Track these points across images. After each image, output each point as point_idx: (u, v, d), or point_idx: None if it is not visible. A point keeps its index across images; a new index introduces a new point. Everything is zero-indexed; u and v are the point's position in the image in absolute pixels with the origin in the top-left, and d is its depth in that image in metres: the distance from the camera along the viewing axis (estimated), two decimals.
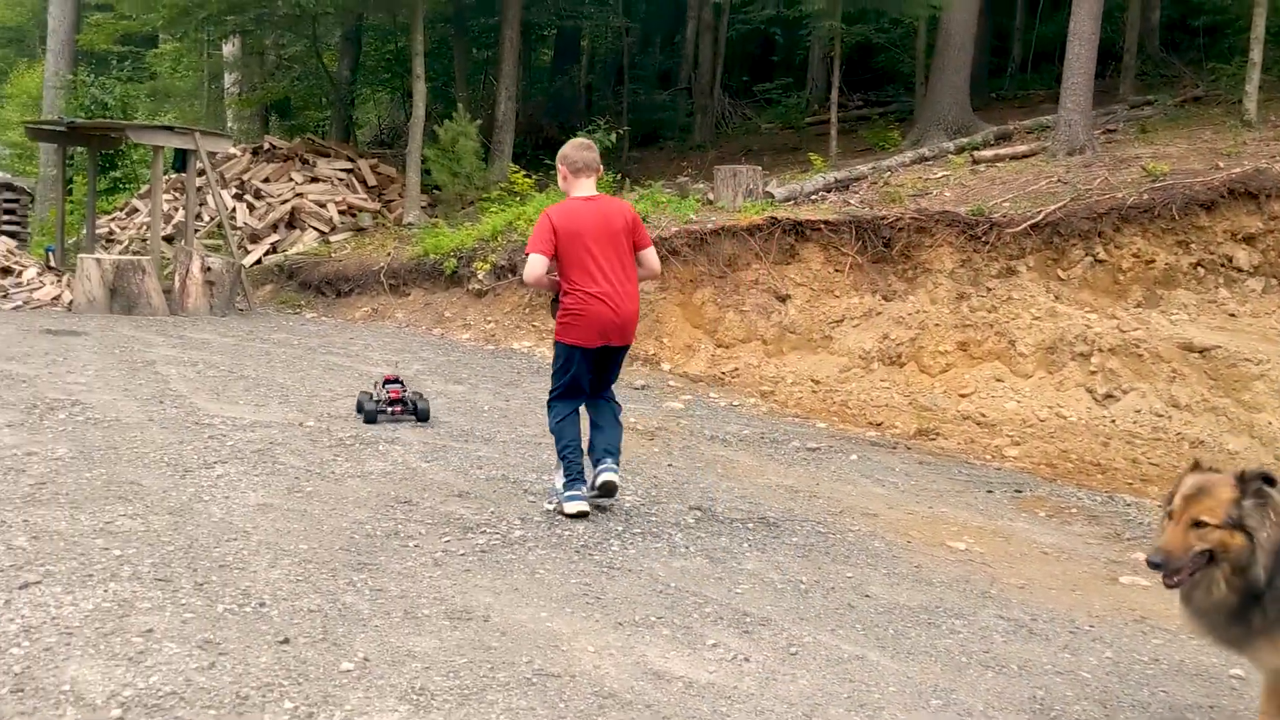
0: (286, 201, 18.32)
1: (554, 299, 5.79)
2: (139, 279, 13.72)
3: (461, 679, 3.63)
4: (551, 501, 5.79)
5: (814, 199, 13.02)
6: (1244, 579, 3.20)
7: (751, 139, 21.08)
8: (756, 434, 8.36)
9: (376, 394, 7.98)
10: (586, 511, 5.60)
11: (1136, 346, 9.47)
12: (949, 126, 15.57)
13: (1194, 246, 10.36)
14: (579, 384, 5.75)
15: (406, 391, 7.99)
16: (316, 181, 19.03)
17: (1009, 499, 6.95)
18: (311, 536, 5.01)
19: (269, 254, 17.58)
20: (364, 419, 7.77)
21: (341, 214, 18.32)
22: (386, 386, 7.99)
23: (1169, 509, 3.32)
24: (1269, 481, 3.23)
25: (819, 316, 11.22)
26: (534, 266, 5.57)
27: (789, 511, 6.12)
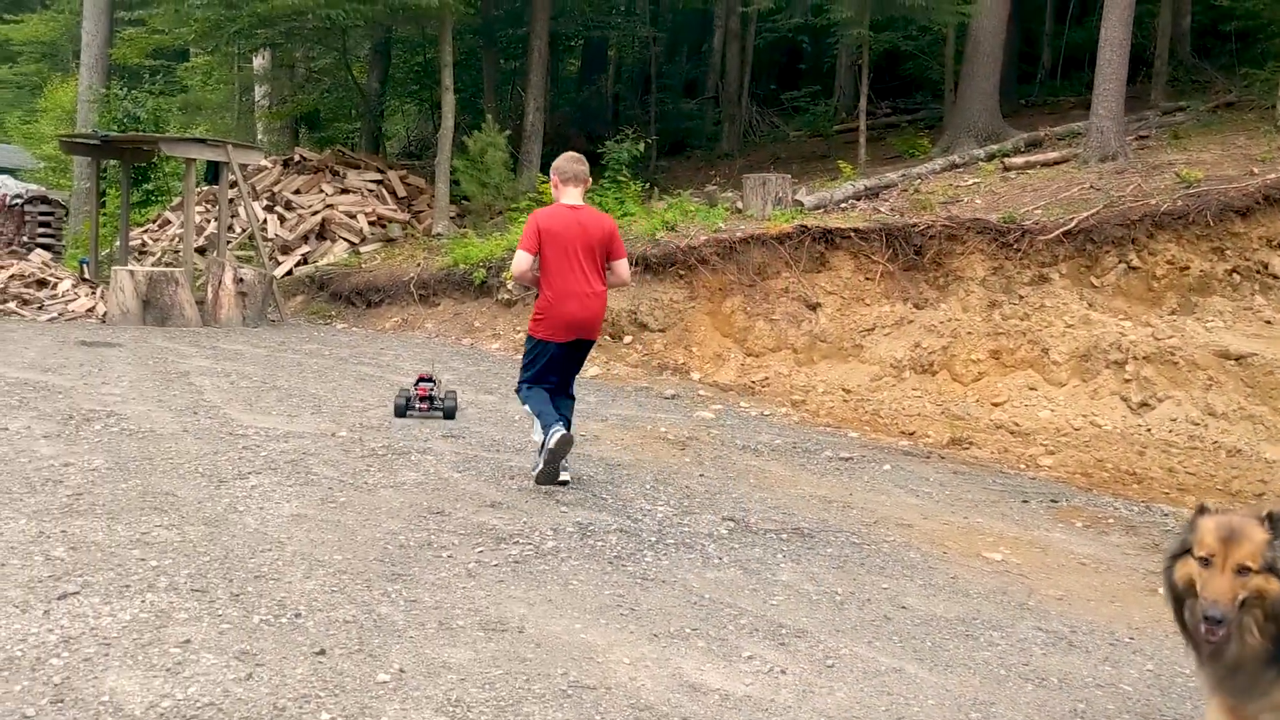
0: (317, 213, 18.44)
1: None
2: (172, 290, 13.83)
3: (497, 691, 3.62)
4: (537, 456, 6.35)
5: (843, 207, 13.00)
6: (1277, 625, 2.96)
7: (779, 147, 21.06)
8: (788, 444, 8.32)
9: (411, 391, 8.51)
10: (569, 436, 6.17)
11: (1172, 354, 9.38)
12: (979, 133, 15.52)
13: (1229, 253, 10.26)
14: (546, 375, 6.35)
15: (437, 390, 8.51)
16: (346, 193, 19.15)
17: (1045, 509, 6.88)
18: (346, 547, 5.01)
19: (300, 265, 17.70)
20: (394, 413, 8.38)
21: (371, 225, 18.42)
22: (418, 384, 8.54)
23: (1202, 555, 3.02)
24: None
25: (850, 325, 11.18)
26: (519, 262, 6.20)
27: (823, 522, 6.08)
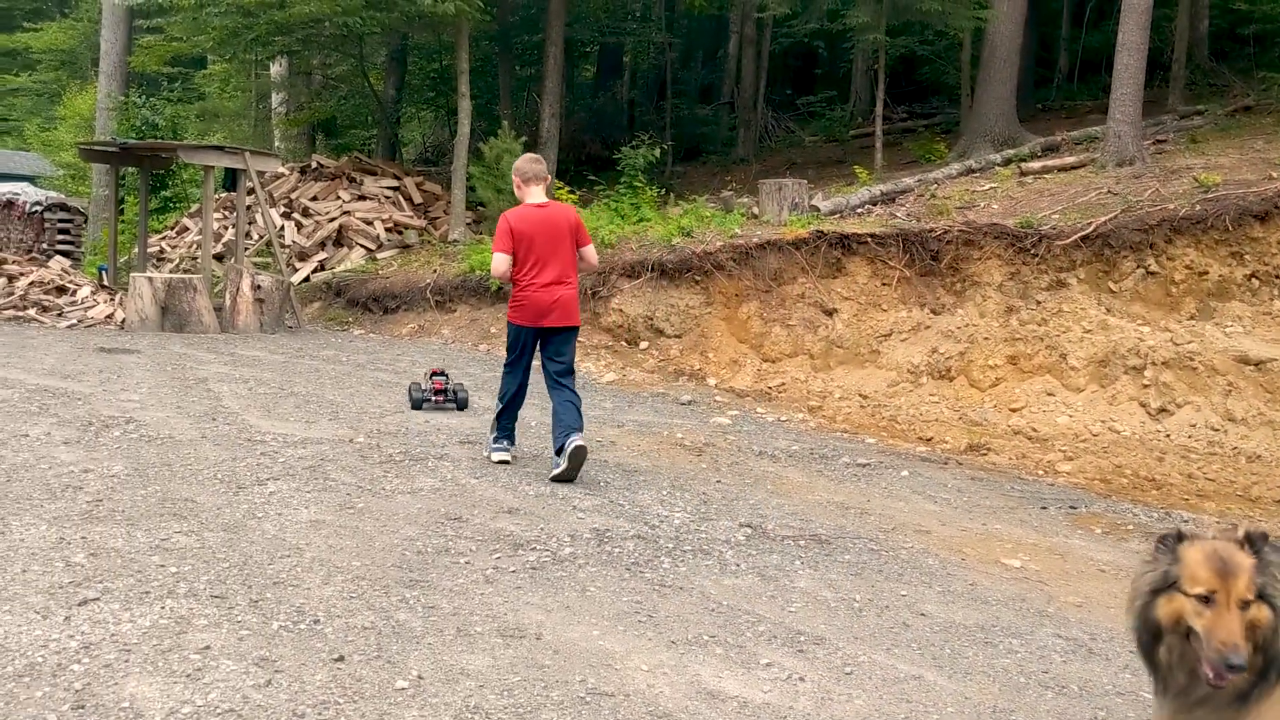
0: (334, 219, 18.51)
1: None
2: (190, 297, 13.90)
3: (515, 698, 3.62)
4: (486, 450, 7.16)
5: (860, 212, 12.98)
6: (1264, 656, 2.73)
7: (795, 152, 21.04)
8: (805, 449, 8.31)
9: (425, 384, 9.06)
10: (508, 460, 7.02)
11: (1190, 359, 9.33)
12: (995, 138, 15.48)
13: (1248, 258, 10.20)
14: (526, 356, 6.99)
15: (449, 383, 9.09)
16: (363, 199, 19.21)
17: (1064, 515, 6.85)
18: (364, 553, 5.03)
19: (317, 271, 17.76)
20: (411, 405, 8.94)
21: (388, 231, 18.47)
22: (432, 378, 9.08)
23: (1199, 592, 2.74)
24: (1266, 541, 2.83)
25: (866, 330, 11.16)
26: (498, 263, 6.82)
27: (840, 528, 6.07)
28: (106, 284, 15.96)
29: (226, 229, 18.77)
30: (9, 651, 3.71)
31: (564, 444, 6.55)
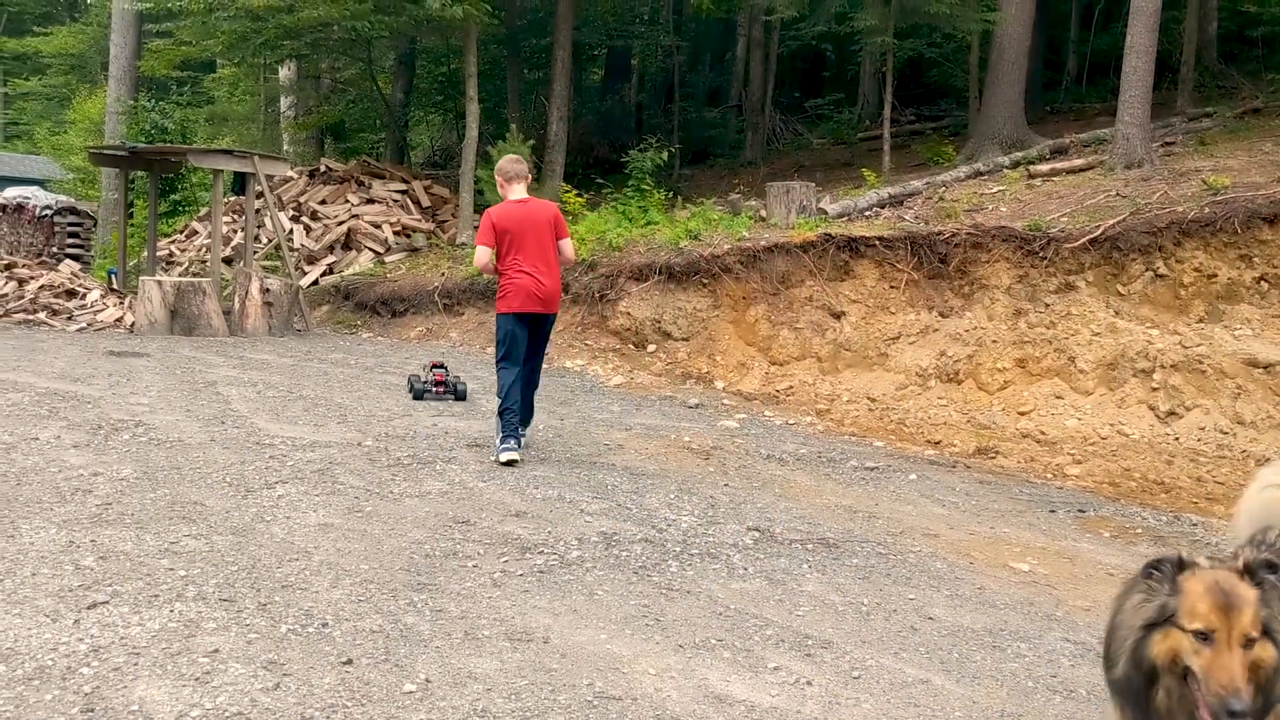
0: (343, 223, 18.55)
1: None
2: (199, 300, 13.94)
3: (523, 701, 3.62)
4: (493, 455, 7.22)
5: (868, 215, 12.96)
6: (1266, 698, 2.49)
7: (803, 155, 21.02)
8: (813, 453, 8.30)
9: (425, 376, 9.60)
10: (516, 460, 7.09)
11: (1199, 362, 9.30)
12: (1003, 141, 15.44)
13: (1257, 260, 10.15)
14: (517, 345, 7.29)
15: (449, 375, 9.61)
16: (372, 203, 19.25)
17: (1072, 519, 6.84)
18: (372, 557, 5.04)
19: (325, 275, 17.80)
20: (412, 396, 9.45)
21: (396, 235, 18.51)
22: (432, 370, 9.61)
23: (1198, 628, 2.50)
24: (1273, 569, 2.57)
25: (874, 333, 11.14)
26: (480, 256, 7.25)
27: (848, 532, 6.06)
28: (116, 287, 16.01)
29: (235, 232, 18.81)
30: (19, 654, 3.72)
31: (503, 449, 7.15)
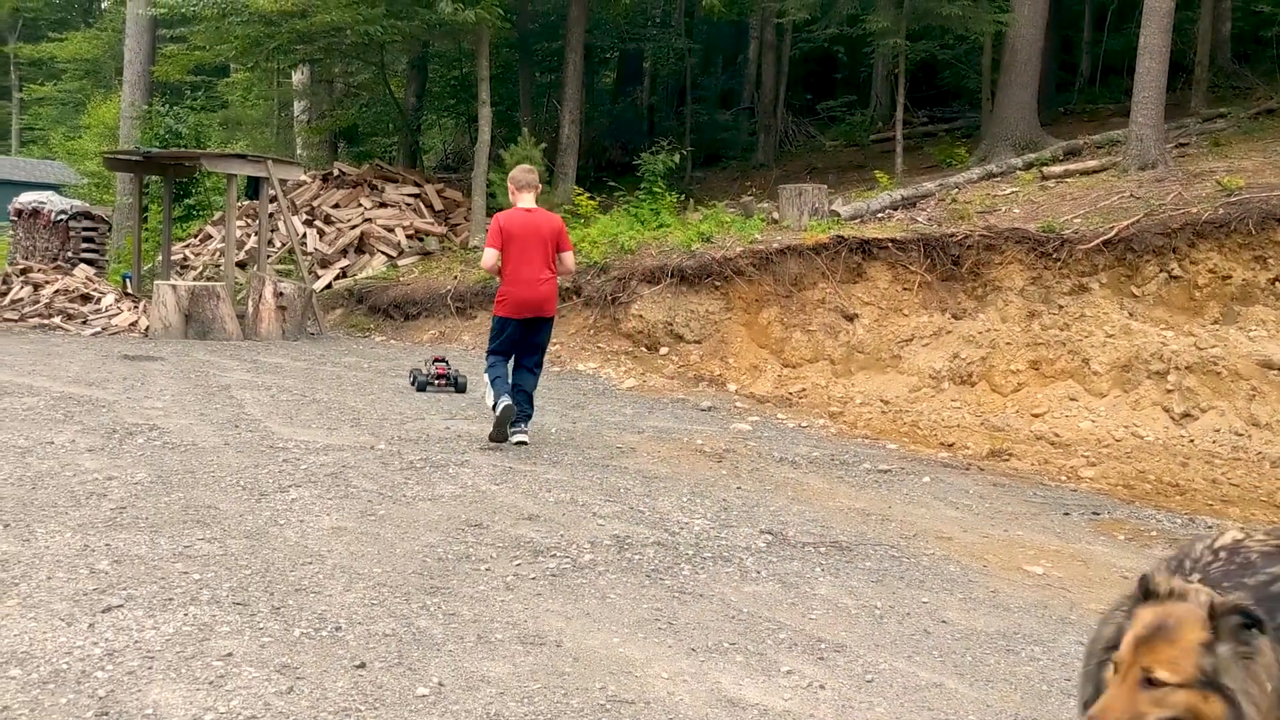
0: (356, 227, 18.60)
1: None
2: (213, 304, 13.99)
3: (535, 705, 3.63)
4: (489, 409, 7.82)
5: (880, 217, 12.94)
6: None
7: (815, 157, 21.00)
8: (826, 456, 8.29)
9: (426, 369, 10.36)
10: (512, 406, 7.59)
11: (1214, 364, 9.26)
12: (1016, 142, 15.39)
13: (1271, 262, 10.10)
14: (508, 346, 7.87)
15: (450, 369, 10.41)
16: (384, 206, 19.29)
17: (1086, 521, 6.82)
18: (385, 560, 5.05)
19: (339, 278, 17.85)
20: (416, 388, 10.18)
21: (409, 238, 18.55)
22: (434, 364, 10.40)
23: (1115, 659, 2.29)
24: (1251, 622, 2.21)
25: (887, 336, 11.13)
26: (488, 258, 7.72)
27: (861, 535, 6.05)
28: (130, 292, 16.08)
29: (249, 236, 18.87)
30: (34, 658, 3.74)
31: (512, 431, 7.73)
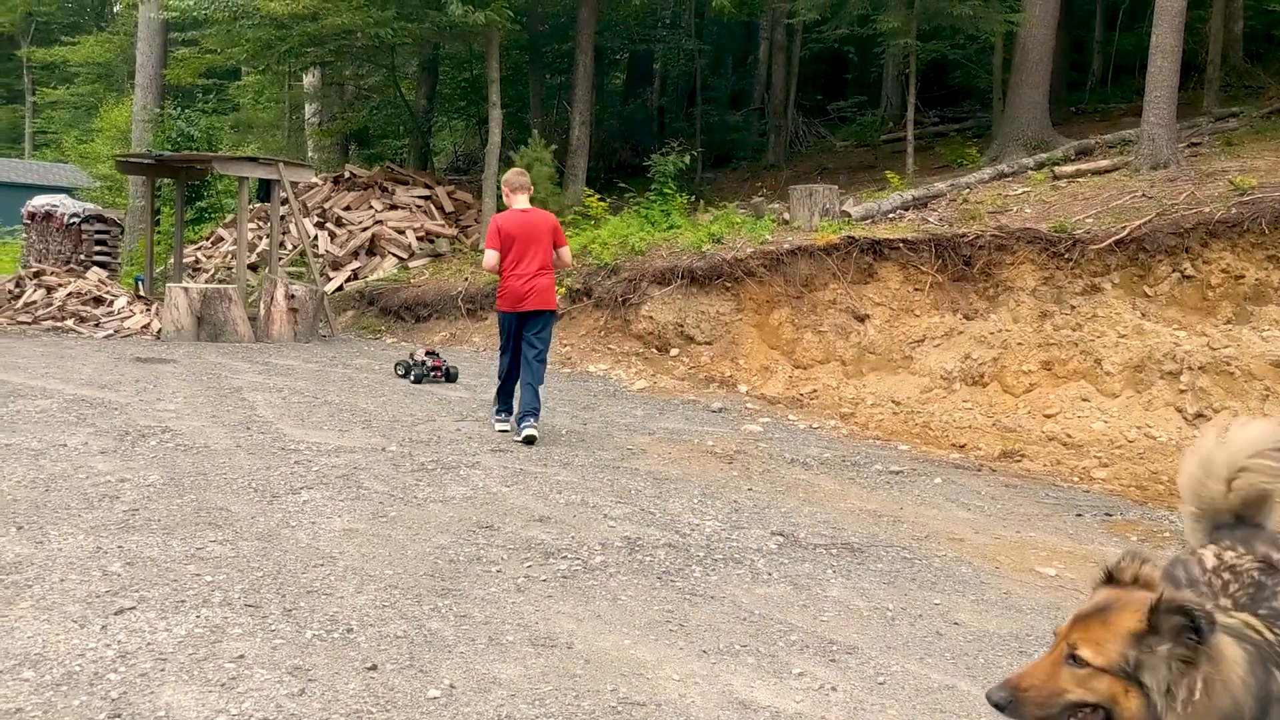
0: (367, 229, 18.63)
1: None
2: (225, 307, 14.03)
3: (547, 707, 3.62)
4: (491, 424, 8.60)
5: (891, 218, 12.91)
6: None
7: (826, 158, 20.96)
8: (837, 457, 8.27)
9: (419, 360, 11.14)
10: (507, 430, 8.33)
11: (1227, 364, 9.21)
12: (1028, 142, 15.34)
13: None
14: (512, 340, 8.28)
15: (444, 362, 11.27)
16: (395, 209, 19.32)
17: (1099, 522, 6.79)
18: (396, 562, 5.05)
19: (350, 280, 17.88)
20: (412, 380, 10.98)
21: (420, 240, 18.58)
22: (428, 356, 11.25)
23: (1055, 629, 2.33)
24: (1195, 627, 2.08)
25: (899, 336, 11.10)
26: (489, 258, 8.22)
27: (873, 536, 6.04)
28: (143, 294, 16.13)
29: (261, 239, 18.92)
30: (47, 660, 3.75)
31: (521, 425, 8.00)
